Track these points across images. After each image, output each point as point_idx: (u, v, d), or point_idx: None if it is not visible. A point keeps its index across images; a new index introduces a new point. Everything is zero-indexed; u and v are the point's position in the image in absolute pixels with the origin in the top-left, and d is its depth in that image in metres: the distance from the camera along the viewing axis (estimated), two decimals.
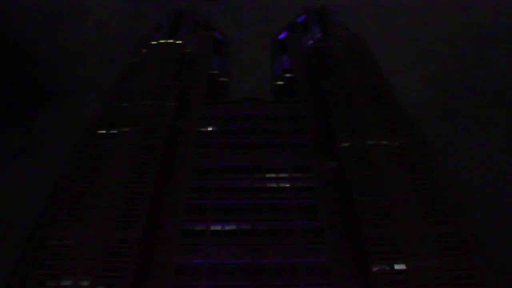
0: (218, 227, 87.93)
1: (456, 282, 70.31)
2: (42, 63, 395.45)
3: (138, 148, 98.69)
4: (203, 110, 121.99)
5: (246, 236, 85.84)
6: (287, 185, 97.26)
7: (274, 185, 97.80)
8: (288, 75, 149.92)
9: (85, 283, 70.95)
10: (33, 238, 79.27)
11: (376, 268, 72.63)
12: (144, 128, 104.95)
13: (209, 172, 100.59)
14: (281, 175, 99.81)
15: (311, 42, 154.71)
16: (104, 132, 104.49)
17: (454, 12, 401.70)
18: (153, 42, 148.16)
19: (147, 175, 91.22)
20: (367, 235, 77.68)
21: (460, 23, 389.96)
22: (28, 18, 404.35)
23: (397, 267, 72.97)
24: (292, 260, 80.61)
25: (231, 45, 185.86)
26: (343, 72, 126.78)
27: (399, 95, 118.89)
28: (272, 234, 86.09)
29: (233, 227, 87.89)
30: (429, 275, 71.17)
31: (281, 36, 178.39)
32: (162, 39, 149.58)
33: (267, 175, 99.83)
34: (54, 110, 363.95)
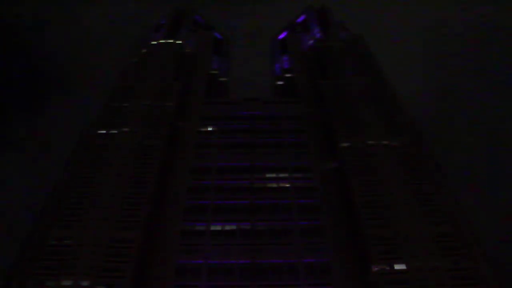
0: (218, 227, 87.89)
1: (456, 282, 70.31)
2: (48, 56, 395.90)
3: (138, 148, 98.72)
4: (203, 110, 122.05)
5: (246, 236, 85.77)
6: (287, 185, 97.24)
7: (274, 185, 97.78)
8: (288, 75, 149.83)
9: (85, 283, 70.88)
10: (33, 238, 79.26)
11: (376, 268, 72.63)
12: (144, 128, 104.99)
13: (209, 172, 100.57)
14: (281, 175, 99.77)
15: (311, 42, 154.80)
16: (104, 132, 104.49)
17: (454, 10, 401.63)
18: (153, 42, 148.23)
19: (147, 175, 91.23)
20: (367, 235, 77.71)
21: (460, 20, 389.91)
22: (31, 11, 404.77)
23: (397, 267, 72.92)
24: (292, 260, 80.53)
25: (231, 45, 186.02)
26: (343, 72, 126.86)
27: (399, 95, 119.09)
28: (272, 234, 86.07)
29: (233, 227, 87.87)
30: (429, 275, 71.18)
31: (281, 36, 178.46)
32: (162, 39, 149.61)
33: (267, 175, 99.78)
34: (58, 106, 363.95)
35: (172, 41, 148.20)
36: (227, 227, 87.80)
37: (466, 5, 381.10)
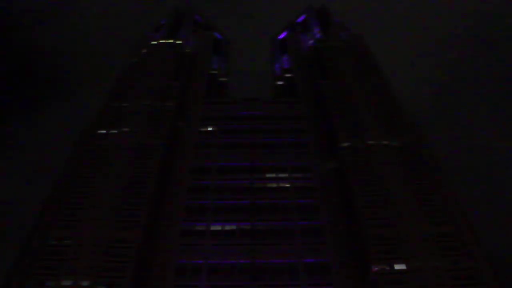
0: (218, 227, 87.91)
1: (456, 282, 70.33)
2: (47, 55, 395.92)
3: (138, 148, 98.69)
4: (203, 110, 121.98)
5: (246, 236, 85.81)
6: (287, 185, 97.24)
7: (274, 185, 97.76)
8: (288, 75, 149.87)
9: (85, 283, 70.93)
10: (33, 238, 79.26)
11: (376, 268, 72.64)
12: (144, 128, 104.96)
13: (209, 172, 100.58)
14: (281, 175, 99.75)
15: (311, 42, 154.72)
16: (104, 132, 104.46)
17: (454, 9, 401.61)
18: (153, 42, 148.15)
19: (147, 175, 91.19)
20: (367, 235, 77.71)
21: (460, 19, 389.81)
22: (31, 7, 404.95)
23: (397, 267, 72.95)
24: (292, 260, 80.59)
25: (231, 45, 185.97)
26: (343, 72, 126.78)
27: (399, 95, 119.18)
28: (272, 234, 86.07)
29: (233, 227, 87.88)
30: (429, 275, 71.20)
31: (281, 36, 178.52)
32: (162, 39, 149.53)
33: (267, 175, 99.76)
34: (58, 106, 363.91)
35: (172, 41, 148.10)
36: (227, 227, 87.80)
37: (467, 5, 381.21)
